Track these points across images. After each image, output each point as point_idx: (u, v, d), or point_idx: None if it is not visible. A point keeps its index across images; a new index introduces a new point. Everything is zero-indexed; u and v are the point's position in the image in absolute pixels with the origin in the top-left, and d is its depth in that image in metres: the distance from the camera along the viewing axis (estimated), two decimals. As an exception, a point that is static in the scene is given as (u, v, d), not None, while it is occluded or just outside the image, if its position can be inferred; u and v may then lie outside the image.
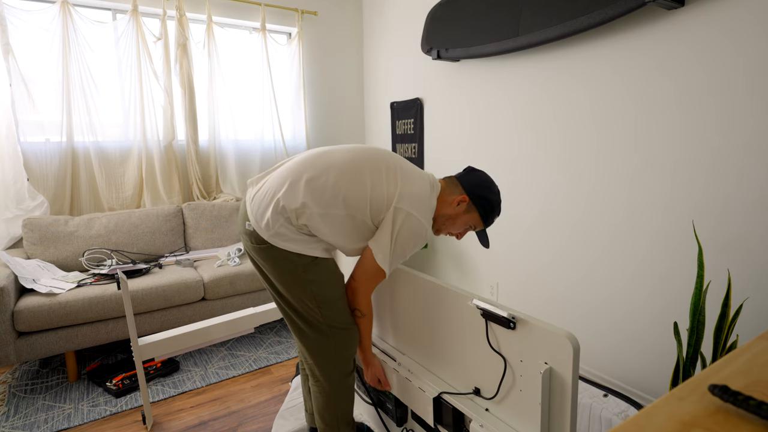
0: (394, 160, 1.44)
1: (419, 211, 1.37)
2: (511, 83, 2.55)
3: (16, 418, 2.01)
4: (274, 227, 1.34)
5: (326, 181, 1.35)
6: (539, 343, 1.07)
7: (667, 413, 0.43)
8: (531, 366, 1.10)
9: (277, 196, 1.35)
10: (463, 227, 1.52)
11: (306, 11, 3.53)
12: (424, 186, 1.43)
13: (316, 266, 1.40)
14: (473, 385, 1.32)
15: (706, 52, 1.71)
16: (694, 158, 1.78)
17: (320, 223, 1.35)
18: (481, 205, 1.49)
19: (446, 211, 1.48)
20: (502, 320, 1.14)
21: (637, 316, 2.03)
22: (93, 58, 2.82)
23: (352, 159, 1.40)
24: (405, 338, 1.60)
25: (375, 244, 1.38)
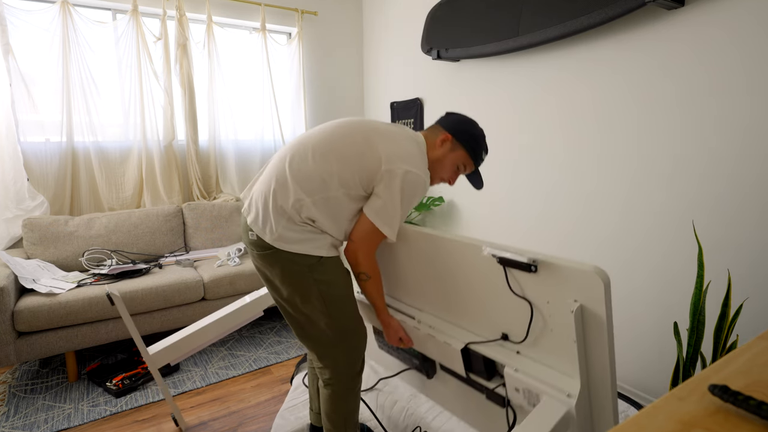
0: (372, 126, 1.42)
1: (412, 165, 1.34)
2: (511, 83, 2.55)
3: (16, 418, 2.01)
4: (277, 230, 1.33)
5: (310, 168, 1.33)
6: (565, 282, 1.03)
7: (668, 413, 0.43)
8: (560, 306, 1.06)
9: (270, 198, 1.34)
10: (453, 168, 1.49)
11: (306, 11, 3.53)
12: (409, 144, 1.40)
13: (322, 266, 1.38)
14: (500, 331, 1.27)
15: (706, 52, 1.71)
16: (694, 158, 1.78)
17: (322, 211, 1.33)
18: (466, 140, 1.46)
19: (433, 155, 1.46)
20: (522, 265, 1.09)
21: (636, 316, 2.03)
22: (93, 58, 2.82)
23: (329, 138, 1.37)
24: (420, 295, 1.54)
25: (371, 211, 1.35)
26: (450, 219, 3.12)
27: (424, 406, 1.95)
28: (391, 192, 1.33)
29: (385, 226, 1.35)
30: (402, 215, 1.36)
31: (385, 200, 1.33)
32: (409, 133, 1.45)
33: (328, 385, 1.49)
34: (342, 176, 1.33)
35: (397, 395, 2.00)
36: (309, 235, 1.36)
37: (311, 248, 1.36)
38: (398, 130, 1.44)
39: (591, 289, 0.97)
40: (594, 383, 1.08)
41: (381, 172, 1.32)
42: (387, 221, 1.35)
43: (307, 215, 1.34)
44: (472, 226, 2.93)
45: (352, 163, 1.34)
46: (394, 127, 1.46)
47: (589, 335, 1.03)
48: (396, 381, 2.11)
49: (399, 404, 1.92)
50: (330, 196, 1.34)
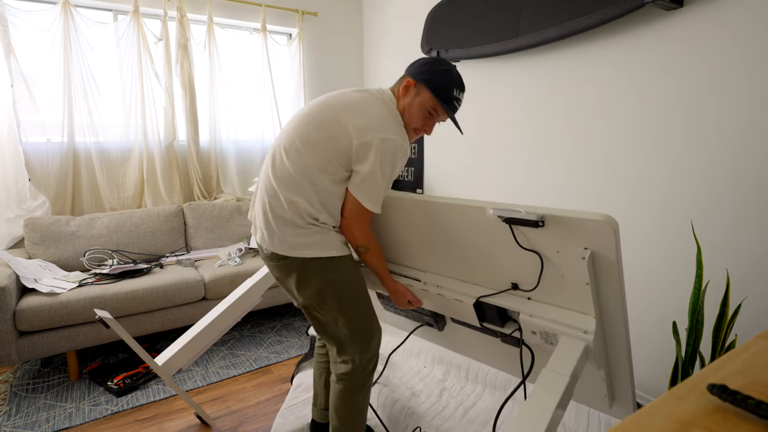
0: (341, 101, 1.37)
1: (385, 131, 1.30)
2: (511, 83, 2.55)
3: (18, 417, 2.01)
4: (285, 240, 1.35)
5: (288, 168, 1.34)
6: (574, 233, 1.05)
7: (666, 412, 0.43)
8: (570, 255, 1.10)
9: (268, 211, 1.36)
10: (422, 115, 1.40)
11: (306, 12, 3.54)
12: (378, 108, 1.35)
13: (335, 265, 1.39)
14: (509, 281, 1.31)
15: (706, 53, 1.71)
16: (694, 158, 1.78)
17: (317, 206, 1.34)
18: (428, 80, 1.37)
19: (400, 106, 1.41)
20: (529, 223, 1.10)
21: (636, 316, 2.03)
22: (94, 58, 2.83)
23: (298, 132, 1.35)
24: (424, 258, 1.54)
25: (353, 188, 1.34)
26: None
27: (424, 405, 1.95)
28: (368, 165, 1.30)
29: (367, 201, 1.34)
30: (386, 185, 1.34)
31: (363, 175, 1.31)
32: (377, 96, 1.40)
33: (341, 380, 1.49)
34: (320, 165, 1.32)
35: (397, 394, 2.00)
36: (317, 237, 1.36)
37: (322, 249, 1.37)
38: (366, 96, 1.39)
39: (601, 237, 1.01)
40: (607, 318, 1.14)
41: (354, 147, 1.30)
42: (369, 196, 1.34)
43: (308, 214, 1.34)
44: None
45: (325, 148, 1.32)
46: (362, 93, 1.40)
47: (600, 277, 1.08)
48: (396, 380, 2.12)
49: (399, 403, 1.92)
50: (318, 189, 1.33)
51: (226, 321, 1.92)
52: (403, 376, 2.20)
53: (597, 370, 1.24)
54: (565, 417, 1.81)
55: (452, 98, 1.39)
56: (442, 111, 1.41)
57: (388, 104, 1.38)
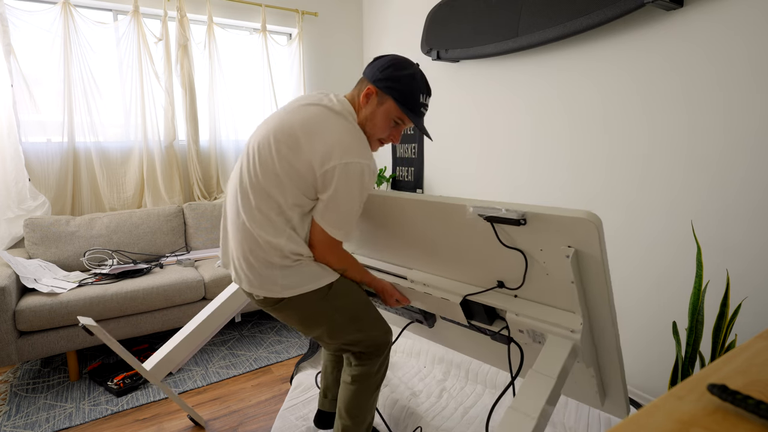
0: (296, 122, 1.25)
1: (345, 152, 1.20)
2: (510, 84, 2.55)
3: (18, 417, 2.01)
4: (277, 282, 1.28)
5: (259, 211, 1.26)
6: (557, 230, 1.02)
7: (666, 412, 0.43)
8: (554, 253, 1.07)
9: (252, 259, 1.29)
10: (386, 124, 1.31)
11: (306, 12, 3.54)
12: (336, 125, 1.24)
13: (335, 291, 1.35)
14: (494, 279, 1.28)
15: (707, 52, 1.71)
16: (693, 157, 1.78)
17: (297, 241, 1.27)
18: (391, 88, 1.26)
19: (362, 116, 1.30)
20: (510, 221, 1.07)
21: (636, 316, 2.03)
22: (94, 58, 2.83)
23: (258, 170, 1.26)
24: (408, 255, 1.52)
25: (318, 217, 1.26)
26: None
27: (424, 405, 1.95)
28: (332, 193, 1.22)
29: (335, 230, 1.27)
30: (355, 211, 1.27)
31: (328, 203, 1.24)
32: (335, 109, 1.28)
33: (356, 382, 1.47)
34: (288, 200, 1.24)
35: (397, 394, 2.01)
36: (308, 269, 1.30)
37: (317, 280, 1.31)
38: (322, 113, 1.27)
39: (584, 234, 0.98)
40: (595, 317, 1.12)
41: (317, 177, 1.21)
42: (336, 225, 1.27)
43: (291, 252, 1.27)
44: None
45: (289, 183, 1.23)
46: (317, 109, 1.28)
47: (585, 275, 1.06)
48: (396, 381, 2.12)
49: (399, 403, 1.92)
50: (294, 225, 1.27)
51: (214, 324, 1.91)
52: (403, 376, 2.20)
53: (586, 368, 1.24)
54: (565, 417, 1.81)
55: (418, 105, 1.29)
56: (410, 121, 1.31)
57: (347, 119, 1.27)
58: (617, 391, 1.25)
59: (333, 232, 1.27)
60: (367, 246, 1.65)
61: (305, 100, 1.31)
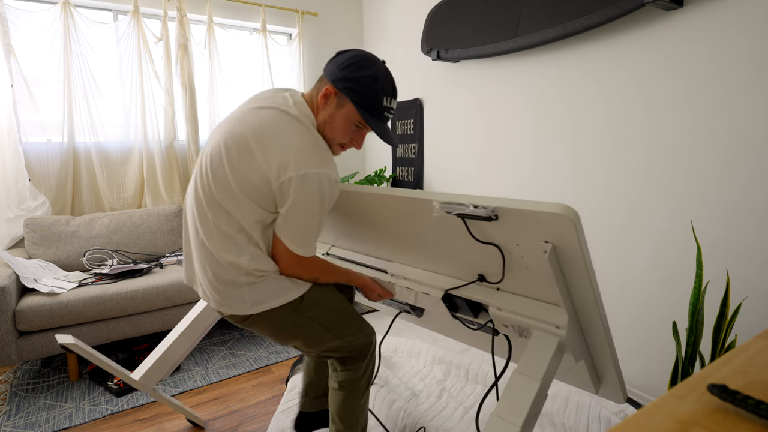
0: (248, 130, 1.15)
1: (302, 163, 1.10)
2: (510, 84, 2.55)
3: (18, 417, 2.01)
4: (244, 299, 1.21)
5: (216, 228, 1.17)
6: (532, 226, 0.95)
7: (666, 412, 0.43)
8: (531, 248, 1.00)
9: (215, 281, 1.21)
10: (347, 129, 1.21)
11: (306, 12, 3.54)
12: (291, 131, 1.14)
13: (307, 302, 1.28)
14: (475, 272, 1.22)
15: (708, 51, 1.71)
16: (695, 157, 1.78)
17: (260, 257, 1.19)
18: (350, 89, 1.15)
19: (321, 118, 1.20)
20: (480, 218, 1.01)
21: (635, 316, 2.03)
22: (94, 58, 2.83)
23: (213, 183, 1.18)
24: (386, 248, 1.45)
25: (279, 232, 1.18)
26: (450, 219, 3.12)
27: (424, 405, 1.95)
28: (290, 206, 1.13)
29: (295, 245, 1.18)
30: (315, 225, 1.18)
31: (286, 217, 1.15)
32: (290, 112, 1.18)
33: (344, 388, 1.44)
34: (247, 218, 1.16)
35: (396, 395, 2.00)
36: (276, 283, 1.23)
37: (285, 295, 1.23)
38: (277, 117, 1.16)
39: (560, 230, 0.91)
40: (581, 310, 1.07)
41: (274, 189, 1.13)
42: (296, 240, 1.18)
43: (255, 269, 1.19)
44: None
45: (245, 197, 1.14)
46: (272, 113, 1.17)
47: (567, 270, 1.00)
48: (396, 381, 2.12)
49: (398, 404, 1.92)
50: (257, 241, 1.18)
51: (202, 326, 1.87)
52: (403, 376, 2.20)
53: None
54: (565, 417, 1.81)
55: (381, 109, 1.18)
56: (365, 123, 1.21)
57: (304, 124, 1.17)
58: (611, 378, 1.21)
59: (294, 248, 1.19)
60: (345, 239, 1.58)
61: (259, 102, 1.21)
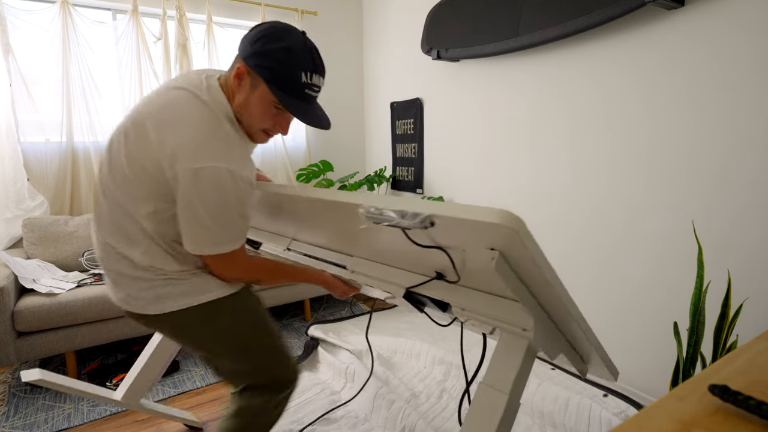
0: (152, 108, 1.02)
1: (204, 156, 0.95)
2: (511, 83, 2.55)
3: (16, 418, 2.01)
4: (139, 295, 1.07)
5: (110, 215, 1.06)
6: (473, 233, 0.83)
7: (667, 413, 0.43)
8: (479, 254, 0.89)
9: (107, 269, 1.10)
10: (267, 112, 1.05)
11: (306, 11, 3.53)
12: (196, 116, 0.99)
13: (217, 309, 1.11)
14: (433, 270, 1.11)
15: (710, 51, 1.71)
16: (695, 157, 1.78)
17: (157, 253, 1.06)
18: (261, 66, 0.99)
19: (237, 102, 1.05)
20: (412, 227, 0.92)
21: (636, 316, 2.03)
22: (93, 58, 2.83)
23: (110, 168, 1.06)
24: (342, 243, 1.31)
25: (184, 236, 1.03)
26: (450, 219, 3.11)
27: (424, 406, 1.95)
28: (183, 205, 0.98)
29: (205, 247, 1.03)
30: (217, 224, 1.01)
31: (183, 218, 1.00)
32: (200, 96, 1.03)
33: (237, 416, 1.20)
34: (140, 208, 1.02)
35: (396, 395, 2.00)
36: (181, 285, 1.08)
37: (193, 297, 1.08)
38: (184, 98, 1.01)
39: (504, 238, 0.79)
40: (550, 307, 0.95)
41: (169, 179, 0.98)
42: (196, 240, 1.02)
43: (149, 265, 1.06)
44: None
45: (139, 184, 1.01)
46: (180, 93, 1.03)
47: (523, 274, 0.89)
48: (396, 381, 2.11)
49: (397, 404, 1.92)
50: (148, 234, 1.05)
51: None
52: (403, 376, 2.20)
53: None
54: (566, 417, 1.81)
55: (300, 87, 1.01)
56: (282, 105, 1.04)
57: (211, 111, 1.02)
58: (596, 361, 1.11)
59: (192, 247, 1.03)
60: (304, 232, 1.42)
61: (176, 82, 1.06)
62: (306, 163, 3.64)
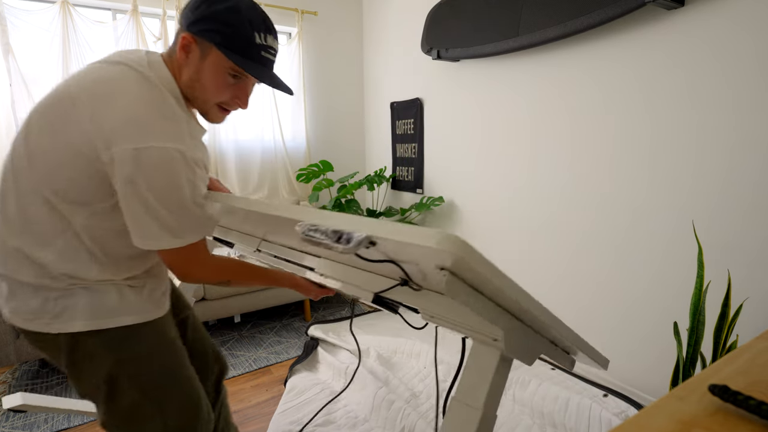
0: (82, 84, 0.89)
1: (144, 134, 0.83)
2: (511, 83, 2.55)
3: (16, 418, 2.01)
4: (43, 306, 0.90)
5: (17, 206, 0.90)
6: (418, 254, 0.77)
7: (667, 413, 0.43)
8: (430, 271, 0.84)
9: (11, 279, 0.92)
10: (222, 83, 0.95)
11: (306, 11, 3.53)
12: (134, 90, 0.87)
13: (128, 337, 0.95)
14: (398, 275, 1.02)
15: (710, 51, 1.71)
16: (696, 157, 1.78)
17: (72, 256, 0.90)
18: (208, 30, 0.89)
19: (186, 76, 0.94)
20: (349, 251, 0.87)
21: (637, 316, 2.03)
22: (93, 58, 2.81)
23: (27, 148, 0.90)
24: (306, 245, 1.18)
25: (132, 232, 0.89)
26: (450, 220, 3.12)
27: (424, 406, 1.95)
28: (133, 194, 0.85)
29: (162, 240, 0.89)
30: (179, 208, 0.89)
31: (132, 206, 0.86)
32: (142, 72, 0.91)
33: None
34: (67, 193, 0.87)
35: (396, 395, 2.00)
36: (90, 298, 0.92)
37: (102, 317, 0.92)
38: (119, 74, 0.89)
39: (453, 260, 0.74)
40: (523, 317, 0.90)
41: (106, 163, 0.84)
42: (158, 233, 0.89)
43: (62, 272, 0.90)
44: (474, 228, 2.92)
45: (67, 170, 0.86)
46: (116, 69, 0.90)
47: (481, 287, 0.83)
48: (396, 381, 2.11)
49: (396, 404, 1.92)
50: (72, 228, 0.90)
51: None
52: (403, 377, 2.20)
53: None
54: (566, 417, 1.81)
55: (255, 48, 0.92)
56: (239, 69, 0.94)
57: (155, 87, 0.90)
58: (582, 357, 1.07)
59: (142, 242, 0.90)
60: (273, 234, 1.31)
61: (111, 58, 0.95)
62: (306, 163, 3.64)
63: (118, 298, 0.95)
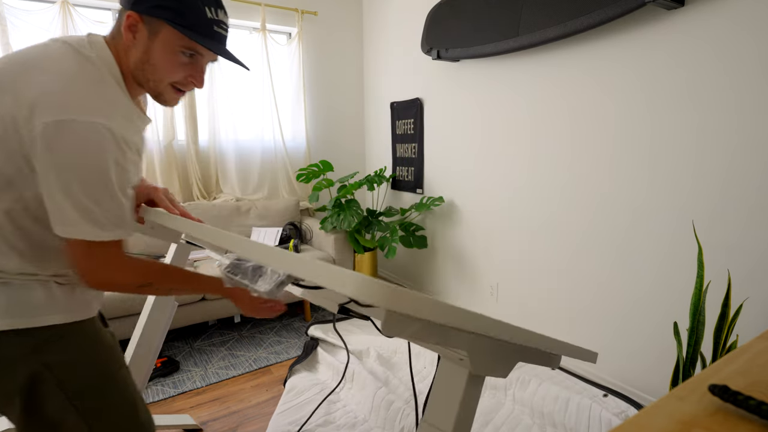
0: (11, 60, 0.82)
1: (71, 106, 0.76)
2: (511, 83, 2.55)
3: (16, 418, 2.00)
4: None
5: None
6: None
7: (667, 413, 0.43)
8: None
9: None
10: (175, 61, 0.89)
11: (306, 11, 3.53)
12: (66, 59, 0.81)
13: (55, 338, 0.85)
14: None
15: (710, 50, 1.71)
16: (696, 157, 1.78)
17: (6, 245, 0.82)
18: (157, 6, 0.84)
19: (134, 57, 0.88)
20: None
21: (637, 316, 2.03)
22: (93, 58, 2.82)
23: None
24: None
25: (57, 215, 0.79)
26: (450, 220, 3.12)
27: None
28: (52, 172, 0.76)
29: (79, 227, 0.79)
30: (101, 194, 0.79)
31: (49, 186, 0.77)
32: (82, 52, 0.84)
33: None
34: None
35: (396, 395, 2.00)
36: (10, 294, 0.83)
37: (23, 315, 0.82)
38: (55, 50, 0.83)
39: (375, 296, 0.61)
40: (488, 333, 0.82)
41: (25, 138, 0.77)
42: (74, 220, 0.79)
43: None
44: (474, 228, 2.92)
45: None
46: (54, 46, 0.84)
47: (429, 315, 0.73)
48: (396, 381, 2.11)
49: (396, 404, 1.92)
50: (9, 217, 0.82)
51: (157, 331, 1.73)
52: (402, 377, 2.20)
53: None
54: (566, 417, 1.80)
55: (209, 23, 0.88)
56: (204, 48, 0.89)
57: (92, 63, 0.83)
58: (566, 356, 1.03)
59: (62, 229, 0.80)
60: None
61: (51, 38, 0.88)
62: (306, 163, 3.64)
63: (43, 295, 0.85)
